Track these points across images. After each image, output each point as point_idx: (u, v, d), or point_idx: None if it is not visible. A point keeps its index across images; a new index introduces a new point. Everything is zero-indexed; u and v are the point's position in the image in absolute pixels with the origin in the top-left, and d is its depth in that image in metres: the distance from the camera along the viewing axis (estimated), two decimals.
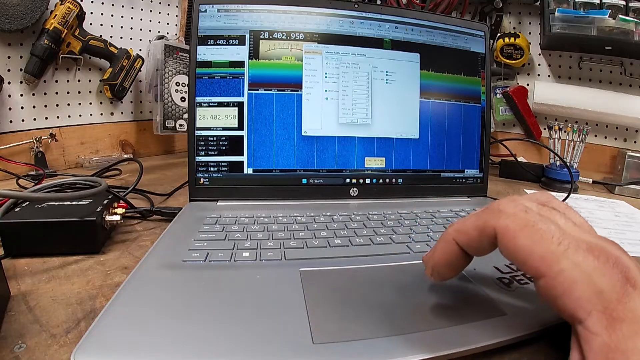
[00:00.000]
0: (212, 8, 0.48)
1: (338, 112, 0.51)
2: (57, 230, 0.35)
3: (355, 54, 0.51)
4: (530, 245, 0.19)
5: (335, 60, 0.50)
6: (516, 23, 0.95)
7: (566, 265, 0.18)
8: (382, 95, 0.52)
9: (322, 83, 0.50)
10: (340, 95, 0.51)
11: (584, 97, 0.87)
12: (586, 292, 0.17)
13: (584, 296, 0.17)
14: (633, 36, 0.76)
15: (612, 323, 0.16)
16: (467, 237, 0.22)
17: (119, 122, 0.86)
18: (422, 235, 0.39)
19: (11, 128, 0.68)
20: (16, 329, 0.25)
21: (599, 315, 0.17)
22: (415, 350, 0.21)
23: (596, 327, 0.17)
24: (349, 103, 0.51)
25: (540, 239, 0.18)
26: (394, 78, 0.52)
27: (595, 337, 0.17)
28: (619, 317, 0.16)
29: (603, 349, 0.16)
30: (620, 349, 0.16)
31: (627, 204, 0.63)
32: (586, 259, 0.18)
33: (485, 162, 0.57)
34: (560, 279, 0.18)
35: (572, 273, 0.17)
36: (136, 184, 0.54)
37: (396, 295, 0.27)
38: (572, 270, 0.17)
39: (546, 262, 0.18)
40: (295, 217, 0.43)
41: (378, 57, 0.52)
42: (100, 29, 0.80)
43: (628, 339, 0.16)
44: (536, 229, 0.19)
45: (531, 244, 0.19)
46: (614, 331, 0.16)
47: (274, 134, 0.49)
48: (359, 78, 0.51)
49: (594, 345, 0.17)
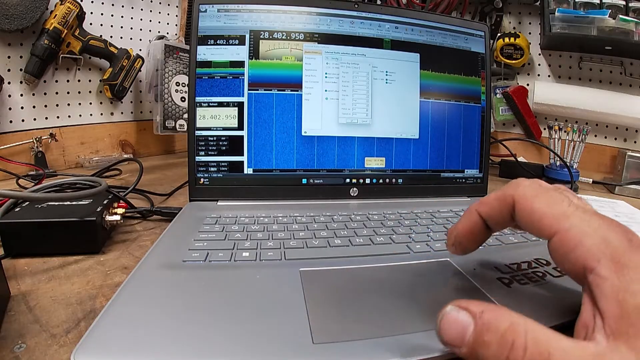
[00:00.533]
0: (212, 8, 0.48)
1: (338, 112, 0.51)
2: (57, 230, 0.35)
3: (355, 54, 0.51)
4: (544, 207, 0.21)
5: (335, 60, 0.50)
6: (516, 23, 0.95)
7: (576, 221, 0.20)
8: (382, 95, 0.52)
9: (322, 83, 0.50)
10: (340, 95, 0.51)
11: (584, 97, 0.87)
12: (595, 242, 0.19)
13: (593, 245, 0.19)
14: (633, 36, 0.76)
15: (620, 268, 0.18)
16: (488, 207, 0.24)
17: (119, 122, 0.86)
18: (422, 235, 0.39)
19: (11, 128, 0.68)
20: (16, 329, 0.25)
21: (607, 262, 0.18)
22: (416, 350, 0.21)
23: (606, 272, 0.18)
24: (349, 103, 0.51)
25: (553, 202, 0.21)
26: (394, 78, 0.52)
27: (605, 281, 0.18)
28: (626, 264, 0.18)
29: (613, 290, 0.17)
30: (629, 290, 0.17)
31: (627, 204, 0.63)
32: (593, 219, 0.20)
33: (485, 162, 0.57)
34: (571, 233, 0.20)
35: (581, 227, 0.20)
36: (136, 184, 0.54)
37: (396, 295, 0.27)
38: (582, 224, 0.20)
39: (559, 219, 0.20)
40: (295, 217, 0.43)
41: (378, 57, 0.52)
42: (100, 29, 0.80)
43: (635, 282, 0.17)
44: (550, 194, 0.21)
45: (545, 206, 0.21)
46: (622, 275, 0.18)
47: (274, 134, 0.49)
48: (359, 78, 0.51)
49: (604, 288, 0.18)
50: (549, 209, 0.21)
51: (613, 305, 0.17)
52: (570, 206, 0.21)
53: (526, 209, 0.22)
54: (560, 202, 0.21)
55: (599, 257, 0.18)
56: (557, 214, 0.20)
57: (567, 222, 0.20)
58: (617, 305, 0.17)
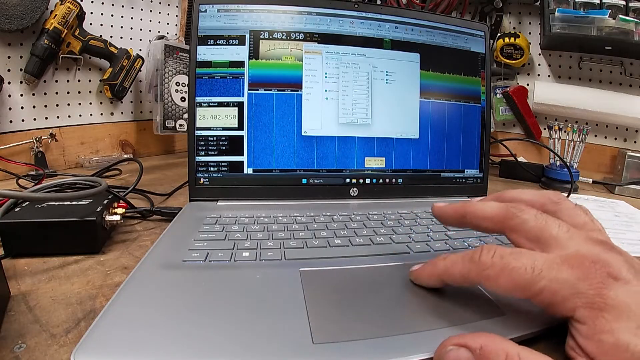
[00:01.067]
0: (212, 8, 0.48)
1: (338, 112, 0.51)
2: (57, 230, 0.35)
3: (355, 54, 0.51)
4: (510, 282, 0.22)
5: (335, 60, 0.50)
6: (516, 23, 0.95)
7: (544, 283, 0.21)
8: (382, 95, 0.52)
9: (322, 83, 0.50)
10: (340, 95, 0.51)
11: (584, 97, 0.87)
12: (566, 295, 0.20)
13: (565, 300, 0.20)
14: (633, 36, 0.76)
15: (595, 313, 0.19)
16: (452, 279, 0.25)
17: (119, 122, 0.86)
18: (422, 235, 0.39)
19: (11, 128, 0.68)
20: (16, 329, 0.25)
21: (582, 310, 0.20)
22: (415, 350, 0.21)
23: (583, 319, 0.20)
24: (349, 103, 0.51)
25: (516, 276, 0.22)
26: (394, 78, 0.52)
27: (583, 326, 0.20)
28: (599, 307, 0.19)
29: (590, 333, 0.19)
30: (605, 330, 0.19)
31: (627, 204, 0.63)
32: (560, 271, 0.21)
33: (485, 162, 0.57)
34: (543, 295, 0.21)
35: (550, 286, 0.21)
36: (136, 184, 0.54)
37: (396, 295, 0.27)
38: (550, 284, 0.21)
39: (527, 288, 0.21)
40: (295, 217, 0.43)
41: (378, 57, 0.52)
42: (100, 29, 0.80)
43: (612, 321, 0.19)
44: (511, 269, 0.22)
45: (510, 281, 0.22)
46: (597, 319, 0.19)
47: (274, 134, 0.49)
48: (359, 78, 0.51)
49: (583, 332, 0.20)
50: (514, 282, 0.22)
51: (592, 346, 0.19)
52: (534, 271, 0.21)
53: (495, 289, 0.23)
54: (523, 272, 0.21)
55: (573, 307, 0.20)
56: (524, 284, 0.21)
57: (535, 287, 0.21)
58: (596, 345, 0.19)
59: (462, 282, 0.25)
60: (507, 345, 0.19)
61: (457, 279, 0.25)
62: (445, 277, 0.26)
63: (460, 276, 0.24)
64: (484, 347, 0.19)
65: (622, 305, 0.19)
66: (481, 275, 0.23)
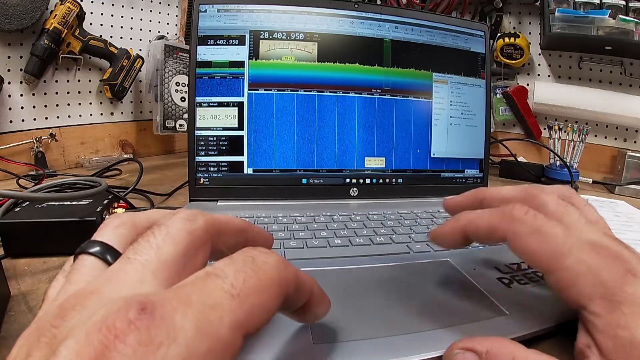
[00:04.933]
0: (212, 8, 0.48)
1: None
2: (57, 230, 0.35)
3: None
4: (538, 247, 0.21)
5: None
6: (516, 23, 0.95)
7: (570, 262, 0.20)
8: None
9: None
10: (339, 95, 0.51)
11: (584, 97, 0.87)
12: (589, 282, 0.19)
13: (587, 286, 0.20)
14: (633, 36, 0.76)
15: (613, 305, 0.19)
16: (476, 231, 0.23)
17: (119, 122, 0.86)
18: (422, 236, 0.39)
19: (11, 128, 0.68)
20: (16, 329, 0.25)
21: (600, 301, 0.19)
22: (415, 350, 0.21)
23: (599, 310, 0.19)
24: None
25: (546, 242, 0.21)
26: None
27: (598, 319, 0.19)
28: (618, 301, 0.19)
29: (606, 327, 0.19)
30: (621, 325, 0.18)
31: (627, 204, 0.63)
32: (588, 255, 0.20)
33: (486, 162, 0.57)
34: (565, 274, 0.20)
35: (575, 267, 0.20)
36: (136, 184, 0.54)
37: (396, 295, 0.27)
38: (576, 265, 0.20)
39: (553, 260, 0.20)
40: (295, 217, 0.43)
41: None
42: (100, 29, 0.80)
43: (629, 316, 0.18)
44: (543, 233, 0.21)
45: (539, 246, 0.21)
46: (614, 311, 0.18)
47: (274, 134, 0.49)
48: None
49: (598, 324, 0.19)
50: (542, 248, 0.21)
51: (608, 340, 0.18)
52: (565, 245, 0.20)
53: (520, 248, 0.21)
54: (554, 240, 0.20)
55: (592, 296, 0.19)
56: (551, 254, 0.20)
57: (561, 262, 0.20)
58: (611, 340, 0.18)
59: (487, 236, 0.23)
60: (515, 349, 0.18)
61: (482, 231, 0.23)
62: (469, 229, 0.24)
63: (487, 228, 0.23)
64: (490, 351, 0.18)
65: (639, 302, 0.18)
66: (510, 229, 0.21)
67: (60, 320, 0.13)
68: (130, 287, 0.14)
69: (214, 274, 0.14)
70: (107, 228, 0.18)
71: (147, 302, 0.12)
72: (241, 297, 0.13)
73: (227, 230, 0.18)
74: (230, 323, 0.13)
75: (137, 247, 0.15)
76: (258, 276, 0.14)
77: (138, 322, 0.11)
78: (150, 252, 0.15)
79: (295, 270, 0.16)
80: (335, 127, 0.50)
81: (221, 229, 0.18)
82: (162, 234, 0.16)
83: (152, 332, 0.11)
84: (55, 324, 0.12)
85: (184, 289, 0.13)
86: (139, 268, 0.14)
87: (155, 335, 0.11)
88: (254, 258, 0.15)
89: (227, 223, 0.19)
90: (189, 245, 0.16)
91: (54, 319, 0.13)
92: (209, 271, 0.14)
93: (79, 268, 0.16)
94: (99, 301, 0.13)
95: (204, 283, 0.14)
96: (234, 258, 0.15)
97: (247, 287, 0.14)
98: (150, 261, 0.15)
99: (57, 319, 0.13)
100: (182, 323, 0.12)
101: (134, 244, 0.15)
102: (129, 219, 0.18)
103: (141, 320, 0.12)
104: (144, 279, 0.14)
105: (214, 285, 0.13)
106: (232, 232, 0.19)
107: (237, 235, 0.19)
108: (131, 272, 0.14)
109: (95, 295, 0.13)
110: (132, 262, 0.15)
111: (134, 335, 0.11)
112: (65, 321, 0.12)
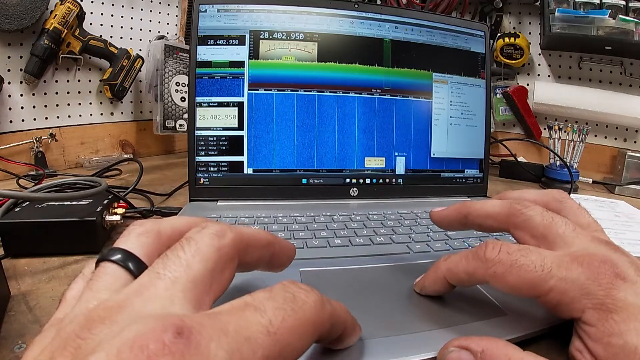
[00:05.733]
0: (212, 8, 0.48)
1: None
2: (57, 230, 0.35)
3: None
4: (518, 281, 0.21)
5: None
6: (516, 23, 0.95)
7: (553, 283, 0.20)
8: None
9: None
10: (339, 94, 0.51)
11: (584, 97, 0.87)
12: (576, 296, 0.20)
13: (575, 300, 0.20)
14: (633, 36, 0.76)
15: (604, 314, 0.19)
16: (457, 278, 0.24)
17: (119, 122, 0.86)
18: (422, 235, 0.39)
19: (11, 128, 0.68)
20: (16, 329, 0.25)
21: (591, 311, 0.19)
22: (415, 350, 0.21)
23: (591, 320, 0.19)
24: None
25: (525, 273, 0.21)
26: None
27: (591, 328, 0.19)
28: (609, 309, 0.19)
29: (599, 335, 0.19)
30: (614, 333, 0.18)
31: (627, 204, 0.63)
32: (570, 270, 0.20)
33: (486, 162, 0.57)
34: (551, 295, 0.20)
35: (559, 286, 0.20)
36: (136, 184, 0.54)
37: (396, 295, 0.27)
38: (559, 284, 0.20)
39: (536, 288, 0.21)
40: (295, 217, 0.43)
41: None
42: (100, 29, 0.80)
43: (620, 323, 0.18)
44: (519, 266, 0.21)
45: (518, 280, 0.21)
46: (606, 320, 0.19)
47: (274, 134, 0.49)
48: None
49: (591, 334, 0.19)
50: (523, 280, 0.21)
51: (601, 348, 0.19)
52: (544, 269, 0.20)
53: (502, 286, 0.22)
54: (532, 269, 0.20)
55: (583, 308, 0.20)
56: (533, 282, 0.20)
57: (544, 287, 0.20)
58: (605, 348, 0.19)
59: (468, 282, 0.23)
60: (510, 350, 0.18)
61: (462, 278, 0.23)
62: (450, 278, 0.24)
63: (466, 275, 0.23)
64: (485, 351, 0.18)
65: (630, 307, 0.19)
66: (487, 273, 0.22)
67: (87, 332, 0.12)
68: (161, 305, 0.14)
69: (253, 306, 0.14)
70: (131, 235, 0.18)
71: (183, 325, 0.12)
72: (277, 336, 0.13)
73: (254, 245, 0.18)
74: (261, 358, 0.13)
75: (166, 262, 0.15)
76: (297, 316, 0.14)
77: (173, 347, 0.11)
78: (180, 269, 0.15)
79: (332, 310, 0.17)
80: (335, 127, 0.50)
81: (248, 243, 0.18)
82: (191, 250, 0.16)
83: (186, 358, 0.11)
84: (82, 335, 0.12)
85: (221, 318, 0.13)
86: (169, 285, 0.14)
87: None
88: (295, 296, 0.15)
89: (255, 237, 0.19)
90: (217, 261, 0.16)
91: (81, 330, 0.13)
92: (248, 302, 0.14)
93: (101, 275, 0.16)
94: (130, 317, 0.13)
95: (242, 314, 0.13)
96: (274, 293, 0.15)
97: (284, 326, 0.14)
98: (179, 279, 0.15)
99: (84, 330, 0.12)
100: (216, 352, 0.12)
101: (164, 257, 0.15)
102: (153, 227, 0.18)
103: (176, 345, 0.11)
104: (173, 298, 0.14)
105: (252, 319, 0.13)
106: (258, 247, 0.19)
107: (263, 250, 0.19)
108: (161, 289, 0.14)
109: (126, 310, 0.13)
110: (162, 278, 0.14)
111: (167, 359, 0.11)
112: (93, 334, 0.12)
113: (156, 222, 0.19)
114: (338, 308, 0.17)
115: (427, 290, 0.26)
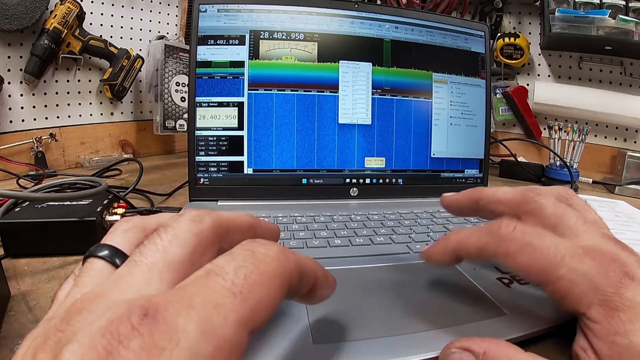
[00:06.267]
0: (212, 8, 0.48)
1: (338, 111, 0.51)
2: (57, 230, 0.35)
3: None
4: (529, 262, 0.21)
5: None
6: (516, 23, 0.95)
7: (564, 272, 0.20)
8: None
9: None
10: (340, 94, 0.51)
11: (584, 97, 0.87)
12: (585, 289, 0.19)
13: (583, 294, 0.20)
14: (633, 36, 0.76)
15: (611, 312, 0.19)
16: (466, 252, 0.23)
17: (119, 122, 0.86)
18: (422, 235, 0.39)
19: (11, 128, 0.68)
20: (16, 329, 0.25)
21: (598, 308, 0.19)
22: (415, 350, 0.21)
23: (597, 317, 0.19)
24: (349, 103, 0.51)
25: (538, 255, 0.20)
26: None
27: (596, 325, 0.19)
28: (616, 307, 0.19)
29: (604, 333, 0.19)
30: (620, 332, 0.18)
31: (627, 204, 0.63)
32: (582, 262, 0.20)
33: (486, 162, 0.57)
34: (560, 284, 0.20)
35: (569, 276, 0.20)
36: (136, 184, 0.54)
37: (396, 295, 0.27)
38: (570, 274, 0.20)
39: (546, 273, 0.20)
40: (295, 217, 0.43)
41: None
42: (100, 29, 0.80)
43: (627, 322, 0.18)
44: (533, 247, 0.21)
45: (530, 261, 0.21)
46: (612, 318, 0.19)
47: (274, 134, 0.49)
48: (359, 78, 0.51)
49: (596, 331, 0.19)
50: (534, 262, 0.20)
51: (605, 347, 0.19)
52: (557, 255, 0.20)
53: (512, 265, 0.21)
54: (545, 252, 0.20)
55: (590, 303, 0.19)
56: (544, 266, 0.20)
57: (554, 273, 0.20)
58: (609, 347, 0.18)
59: (477, 256, 0.23)
60: (512, 352, 0.18)
61: (471, 252, 0.23)
62: (459, 251, 0.24)
63: (476, 249, 0.23)
64: (487, 352, 0.18)
65: (638, 307, 0.18)
66: (499, 250, 0.21)
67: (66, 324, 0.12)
68: (136, 290, 0.14)
69: (214, 272, 0.14)
70: (117, 232, 0.18)
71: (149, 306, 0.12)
72: (244, 294, 0.13)
73: (234, 229, 0.18)
74: (234, 322, 0.13)
75: (143, 249, 0.15)
76: (259, 270, 0.14)
77: (141, 327, 0.11)
78: (157, 254, 0.15)
79: (297, 259, 0.16)
80: (335, 127, 0.50)
81: (228, 227, 0.18)
82: (168, 235, 0.16)
83: (155, 336, 0.11)
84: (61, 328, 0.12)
85: (185, 290, 0.13)
86: (145, 270, 0.14)
87: (158, 340, 0.11)
88: (254, 251, 0.15)
89: (234, 221, 0.18)
90: (196, 246, 0.16)
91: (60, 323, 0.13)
92: (209, 269, 0.14)
93: (87, 271, 0.16)
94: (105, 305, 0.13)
95: (205, 282, 0.13)
96: (233, 253, 0.15)
97: (248, 283, 0.13)
98: (156, 263, 0.14)
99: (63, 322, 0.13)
100: (185, 326, 0.12)
101: (140, 246, 0.15)
102: (139, 222, 0.18)
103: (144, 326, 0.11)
104: (150, 281, 0.14)
105: (215, 284, 0.13)
106: (239, 230, 0.19)
107: (245, 233, 0.19)
108: (137, 275, 0.14)
109: (102, 299, 0.13)
110: (139, 265, 0.14)
111: (137, 341, 0.11)
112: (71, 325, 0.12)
113: (142, 218, 0.19)
114: (304, 258, 0.17)
115: (433, 259, 0.26)
